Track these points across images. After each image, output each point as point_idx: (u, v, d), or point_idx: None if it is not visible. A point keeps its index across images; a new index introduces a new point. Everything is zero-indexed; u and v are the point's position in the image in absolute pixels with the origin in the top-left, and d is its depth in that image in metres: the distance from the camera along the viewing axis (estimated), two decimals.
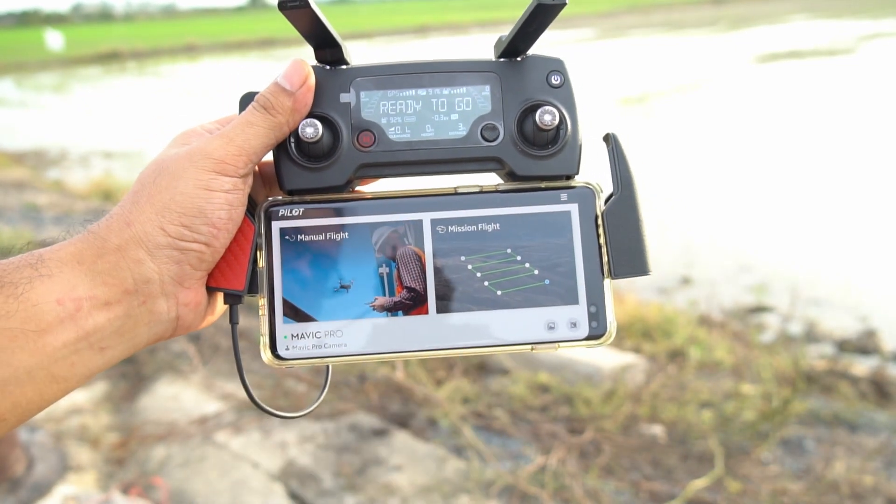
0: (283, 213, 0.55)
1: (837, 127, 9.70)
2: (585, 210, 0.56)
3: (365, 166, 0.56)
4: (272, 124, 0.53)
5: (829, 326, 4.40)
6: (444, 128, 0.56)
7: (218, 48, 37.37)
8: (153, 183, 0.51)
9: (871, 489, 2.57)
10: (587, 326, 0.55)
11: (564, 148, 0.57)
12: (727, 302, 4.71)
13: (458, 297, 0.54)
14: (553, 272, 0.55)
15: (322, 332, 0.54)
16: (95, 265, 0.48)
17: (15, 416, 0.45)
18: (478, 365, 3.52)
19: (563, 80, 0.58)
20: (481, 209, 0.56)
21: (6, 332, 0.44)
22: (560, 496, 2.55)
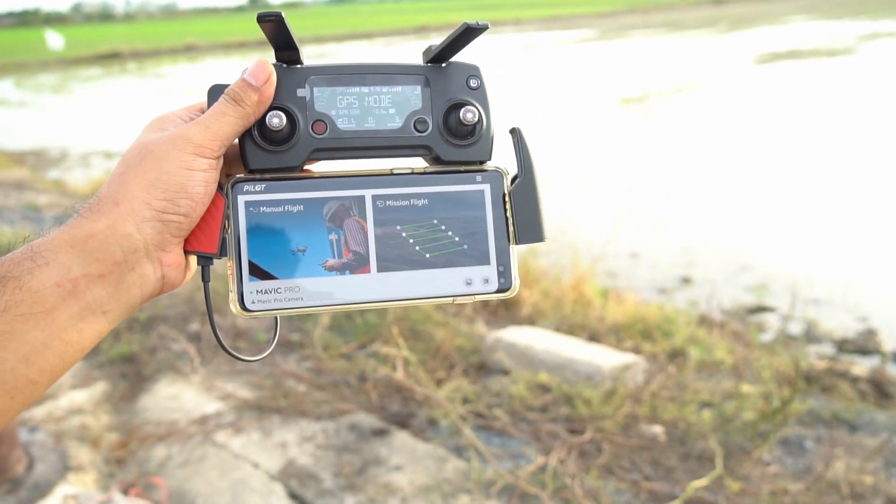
0: (248, 188, 0.64)
1: (837, 127, 9.70)
2: (495, 189, 0.68)
3: (318, 150, 0.66)
4: (241, 114, 0.62)
5: (829, 326, 4.40)
6: (384, 120, 0.67)
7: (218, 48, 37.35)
8: (139, 164, 0.59)
9: (871, 489, 2.57)
10: (496, 282, 0.68)
11: (480, 139, 0.68)
12: (727, 302, 4.71)
13: (395, 259, 0.66)
14: (470, 239, 0.67)
15: (282, 288, 0.64)
16: (86, 245, 0.56)
17: (45, 378, 0.54)
18: (478, 365, 3.52)
19: (480, 83, 0.69)
20: (413, 187, 0.67)
21: (18, 317, 0.52)
22: (560, 496, 2.55)
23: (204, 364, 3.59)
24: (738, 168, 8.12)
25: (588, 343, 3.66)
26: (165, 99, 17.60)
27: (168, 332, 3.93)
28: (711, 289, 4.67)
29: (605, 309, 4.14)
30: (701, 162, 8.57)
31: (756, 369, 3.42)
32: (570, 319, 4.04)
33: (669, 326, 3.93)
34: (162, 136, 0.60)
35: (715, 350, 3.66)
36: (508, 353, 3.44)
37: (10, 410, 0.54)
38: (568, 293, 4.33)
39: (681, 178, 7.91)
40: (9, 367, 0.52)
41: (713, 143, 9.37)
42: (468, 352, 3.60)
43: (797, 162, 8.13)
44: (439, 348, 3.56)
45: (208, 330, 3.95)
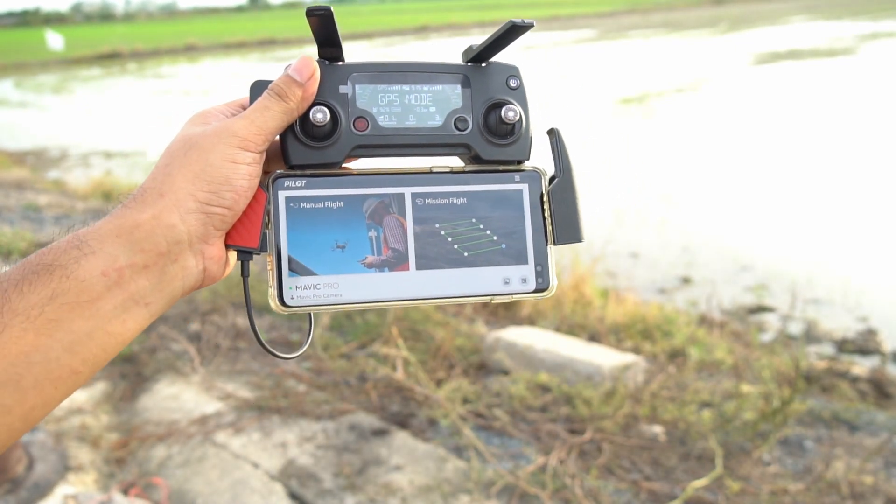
0: (289, 183, 0.65)
1: (837, 127, 9.70)
2: (534, 189, 0.69)
3: (359, 147, 0.66)
4: (285, 109, 0.62)
5: (829, 326, 4.40)
6: (424, 118, 0.67)
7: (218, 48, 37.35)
8: (184, 156, 0.60)
9: (871, 489, 2.57)
10: (534, 282, 0.68)
11: (520, 139, 0.68)
12: (727, 302, 4.71)
13: (433, 257, 0.66)
14: (508, 238, 0.67)
15: (322, 284, 0.64)
16: (132, 235, 0.56)
17: (87, 369, 0.55)
18: (478, 365, 3.52)
19: (519, 83, 0.69)
20: (452, 186, 0.67)
21: (64, 306, 0.53)
22: (560, 496, 2.55)
23: (204, 364, 3.59)
24: (738, 168, 8.12)
25: (588, 343, 3.66)
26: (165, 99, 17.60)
27: (168, 332, 3.93)
28: (711, 289, 4.67)
29: (605, 309, 4.14)
30: (701, 162, 8.57)
31: (756, 369, 3.42)
32: (570, 319, 4.04)
33: (669, 326, 3.93)
34: (206, 129, 0.61)
35: (715, 350, 3.66)
36: (508, 353, 3.44)
37: (53, 400, 0.54)
38: (568, 293, 4.33)
39: (681, 178, 7.91)
40: (54, 356, 0.52)
41: (713, 144, 9.37)
42: (468, 352, 3.60)
43: (797, 162, 8.13)
44: (439, 348, 3.56)
45: (208, 330, 3.96)
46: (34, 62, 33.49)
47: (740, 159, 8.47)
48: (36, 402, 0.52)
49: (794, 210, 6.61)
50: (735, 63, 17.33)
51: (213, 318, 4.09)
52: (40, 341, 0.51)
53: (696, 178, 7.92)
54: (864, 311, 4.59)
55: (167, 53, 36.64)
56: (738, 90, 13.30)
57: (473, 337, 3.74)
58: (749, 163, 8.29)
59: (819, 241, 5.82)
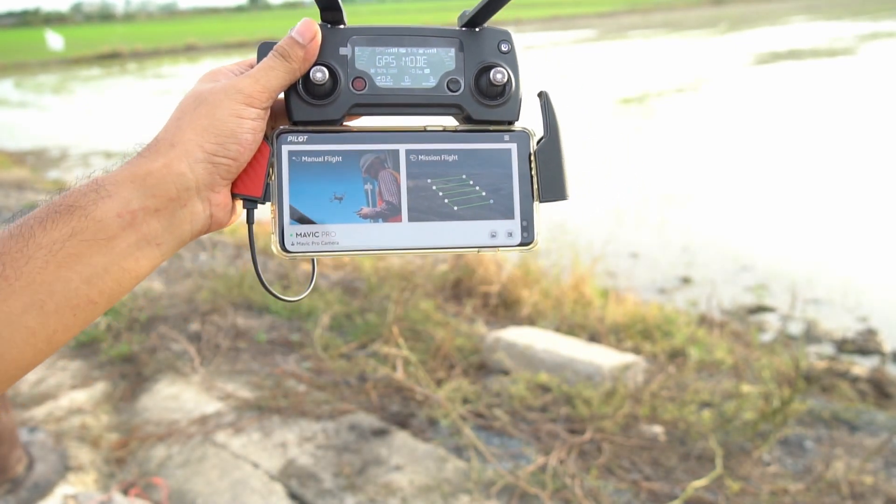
0: (291, 139, 0.69)
1: (837, 127, 9.70)
2: (522, 148, 0.72)
3: (357, 106, 0.70)
4: (288, 69, 0.66)
5: (829, 326, 4.40)
6: (419, 79, 0.71)
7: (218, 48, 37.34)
8: (194, 110, 0.64)
9: (871, 489, 2.57)
10: (520, 236, 0.71)
11: (509, 100, 0.71)
12: (727, 302, 4.71)
13: (425, 210, 0.70)
14: (496, 194, 0.70)
15: (320, 232, 0.68)
16: (145, 182, 0.61)
17: (104, 300, 0.60)
18: (478, 365, 3.52)
19: (510, 47, 0.72)
20: (444, 143, 0.71)
21: (84, 242, 0.58)
22: (560, 496, 2.55)
23: (204, 364, 3.59)
24: (738, 168, 8.12)
25: (588, 343, 3.66)
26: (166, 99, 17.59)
27: (168, 332, 3.93)
28: (711, 289, 4.67)
29: (605, 309, 4.14)
30: (701, 162, 8.56)
31: (756, 369, 3.42)
32: (570, 319, 4.04)
33: (669, 326, 3.92)
34: (215, 86, 0.66)
35: (715, 350, 3.66)
36: (508, 353, 3.44)
37: (73, 327, 0.59)
38: (568, 293, 4.33)
39: (681, 178, 7.91)
40: (73, 286, 0.58)
41: (713, 144, 9.37)
42: (468, 352, 3.60)
43: (797, 162, 8.13)
44: (439, 348, 3.56)
45: (208, 330, 3.95)
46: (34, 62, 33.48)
47: (740, 159, 8.47)
48: (58, 326, 0.58)
49: (794, 210, 6.61)
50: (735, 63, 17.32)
51: (213, 318, 4.09)
52: (61, 272, 0.57)
53: (696, 178, 7.92)
54: (864, 311, 4.59)
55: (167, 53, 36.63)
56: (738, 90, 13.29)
57: (473, 337, 3.74)
58: (749, 163, 8.29)
59: (819, 241, 5.82)
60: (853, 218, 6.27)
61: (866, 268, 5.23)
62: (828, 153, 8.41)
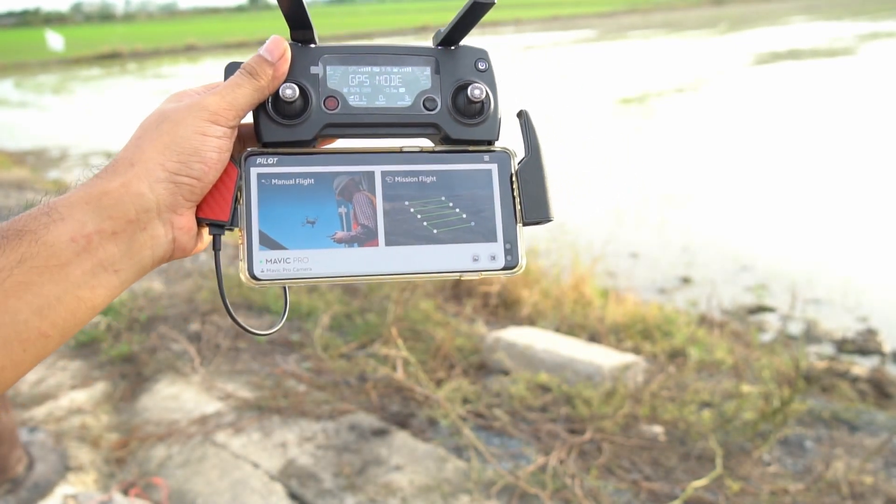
0: (261, 161, 0.66)
1: (837, 127, 9.70)
2: (503, 169, 0.69)
3: (330, 126, 0.67)
4: (256, 87, 0.64)
5: (829, 326, 4.40)
6: (394, 98, 0.68)
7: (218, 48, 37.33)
8: (156, 128, 0.61)
9: (871, 489, 2.57)
10: (503, 259, 0.68)
11: (488, 119, 0.69)
12: (727, 302, 4.71)
13: (403, 233, 0.66)
14: (477, 216, 0.68)
15: (291, 258, 0.65)
16: (101, 202, 0.57)
17: (56, 333, 0.55)
18: (478, 365, 3.52)
19: (488, 66, 0.70)
20: (421, 164, 0.68)
21: (34, 269, 0.54)
22: (560, 496, 2.55)
23: (204, 364, 3.59)
24: (738, 168, 8.12)
25: (588, 343, 3.66)
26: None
27: (168, 332, 3.93)
28: (711, 289, 4.67)
29: (605, 309, 4.14)
30: (701, 162, 8.56)
31: (756, 369, 3.42)
32: (570, 319, 4.04)
33: (669, 326, 3.92)
34: (179, 104, 0.63)
35: (715, 350, 3.66)
36: (508, 353, 3.44)
37: (23, 363, 0.54)
38: (568, 293, 4.33)
39: (681, 178, 7.91)
40: (22, 318, 0.53)
41: (713, 144, 9.37)
42: (468, 352, 3.60)
43: (797, 162, 8.13)
44: (439, 348, 3.56)
45: (208, 330, 3.95)
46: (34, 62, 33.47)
47: (740, 159, 8.47)
48: (5, 362, 0.53)
49: (794, 210, 6.61)
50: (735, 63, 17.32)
51: (213, 318, 4.09)
52: (9, 303, 0.52)
53: (696, 178, 7.92)
54: (864, 311, 4.59)
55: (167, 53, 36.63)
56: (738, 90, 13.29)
57: (473, 337, 3.74)
58: (749, 163, 8.29)
59: (819, 241, 5.82)
60: (853, 218, 6.27)
61: (866, 268, 5.23)
62: (828, 153, 8.41)
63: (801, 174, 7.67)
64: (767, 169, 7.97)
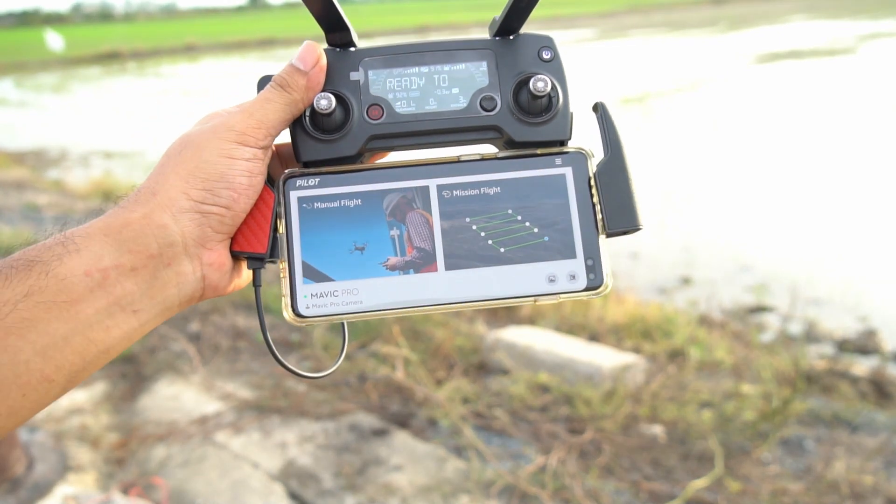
0: (301, 183, 0.59)
1: (837, 127, 9.70)
2: (579, 172, 0.60)
3: (375, 137, 0.60)
4: (288, 101, 0.57)
5: (829, 326, 4.40)
6: (447, 100, 0.60)
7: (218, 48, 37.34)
8: (178, 154, 0.56)
9: (871, 489, 2.57)
10: (585, 278, 0.59)
11: (557, 115, 0.61)
12: (727, 302, 4.70)
13: (465, 255, 0.58)
14: (552, 229, 0.59)
15: (339, 291, 0.58)
16: (120, 234, 0.52)
17: (62, 377, 0.49)
18: (478, 365, 3.52)
19: (553, 54, 0.62)
20: (483, 174, 0.60)
21: (41, 305, 0.48)
22: (560, 496, 2.55)
23: (204, 364, 3.59)
24: (739, 168, 8.12)
25: (588, 343, 3.66)
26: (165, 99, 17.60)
27: (168, 332, 3.93)
28: (711, 289, 4.67)
29: (605, 309, 4.14)
30: (701, 162, 8.56)
31: (756, 369, 3.42)
32: (570, 319, 4.04)
33: (669, 326, 3.92)
34: (205, 126, 0.57)
35: (715, 350, 3.66)
36: (508, 353, 3.44)
37: (22, 410, 0.48)
38: None
39: (681, 178, 7.91)
40: (23, 358, 0.47)
41: (713, 144, 9.37)
42: (468, 352, 3.60)
43: (797, 162, 8.13)
44: (439, 348, 3.56)
45: (208, 329, 3.95)
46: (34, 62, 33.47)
47: (740, 159, 8.47)
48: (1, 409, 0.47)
49: (794, 210, 6.61)
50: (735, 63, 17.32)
51: (213, 318, 4.09)
52: (9, 341, 0.46)
53: (696, 178, 7.92)
54: (864, 311, 4.59)
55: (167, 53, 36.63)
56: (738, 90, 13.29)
57: (473, 337, 3.74)
58: (749, 163, 8.29)
59: (819, 242, 5.82)
60: (853, 218, 6.27)
61: (866, 268, 5.23)
62: (828, 153, 8.41)
63: (801, 174, 7.67)
64: (767, 169, 7.97)
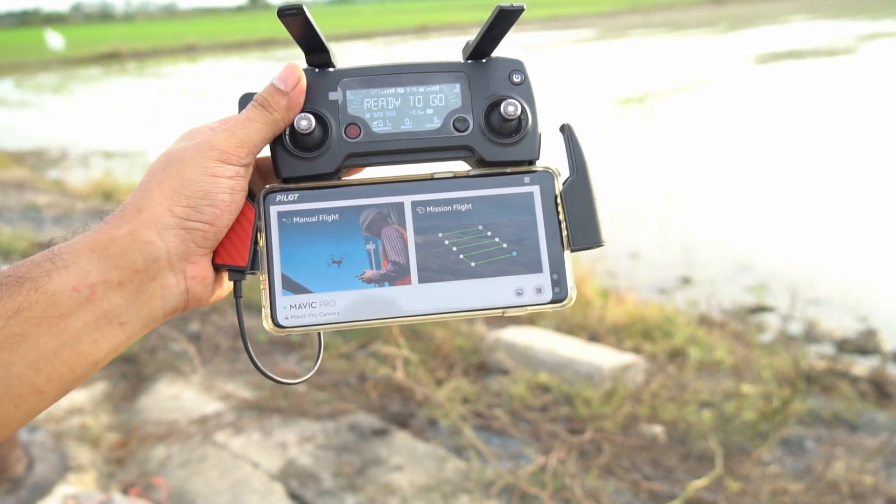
0: (280, 198, 0.62)
1: (837, 127, 9.70)
2: (546, 190, 0.63)
3: (352, 155, 0.62)
4: (269, 120, 0.60)
5: (829, 326, 4.40)
6: (421, 120, 0.63)
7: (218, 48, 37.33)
8: (163, 171, 0.58)
9: (871, 489, 2.57)
10: (551, 292, 0.63)
11: (526, 137, 0.63)
12: (727, 302, 4.71)
13: (438, 269, 0.61)
14: (519, 245, 0.62)
15: (317, 303, 0.60)
16: (107, 250, 0.54)
17: (52, 389, 0.52)
18: (478, 365, 3.52)
19: (524, 78, 0.64)
20: (455, 192, 0.63)
21: (31, 320, 0.50)
22: (560, 496, 2.55)
23: (204, 364, 3.59)
24: (738, 168, 8.12)
25: (588, 343, 3.66)
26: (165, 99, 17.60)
27: (168, 332, 3.93)
28: (711, 289, 4.67)
29: (605, 309, 4.14)
30: (701, 162, 8.57)
31: (756, 369, 3.42)
32: (570, 319, 4.04)
33: (669, 326, 3.92)
34: (188, 144, 0.59)
35: (715, 350, 3.66)
36: (508, 353, 3.44)
37: (14, 420, 0.50)
38: None
39: (681, 177, 7.91)
40: (15, 371, 0.50)
41: (713, 143, 9.37)
42: (468, 352, 3.60)
43: (797, 162, 8.13)
44: (439, 348, 3.56)
45: (208, 329, 3.96)
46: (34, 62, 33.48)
47: (740, 159, 8.47)
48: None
49: (794, 210, 6.61)
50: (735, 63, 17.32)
51: (213, 318, 4.09)
52: (2, 356, 0.49)
53: (696, 177, 7.92)
54: (864, 311, 4.59)
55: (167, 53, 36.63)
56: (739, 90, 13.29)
57: (473, 337, 3.74)
58: (749, 163, 8.29)
59: (819, 242, 5.82)
60: (853, 218, 6.27)
61: (866, 268, 5.23)
62: (828, 153, 8.41)
63: (801, 174, 7.67)
64: (767, 169, 7.97)
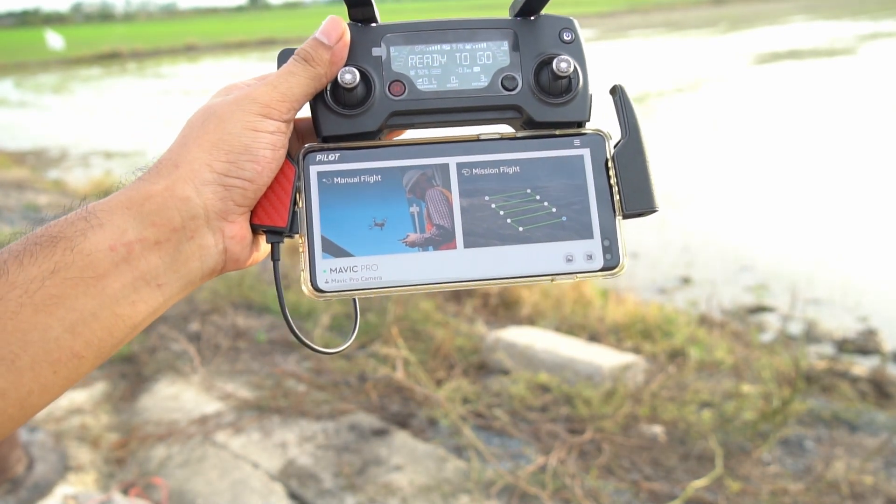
0: (321, 157, 0.60)
1: (837, 127, 9.70)
2: (597, 154, 0.62)
3: (396, 114, 0.60)
4: (312, 74, 0.58)
5: (829, 326, 4.39)
6: (468, 79, 0.61)
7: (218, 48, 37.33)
8: (201, 126, 0.55)
9: (871, 489, 2.57)
10: (602, 259, 0.60)
11: (576, 97, 0.61)
12: (727, 302, 4.70)
13: (484, 233, 0.59)
14: (569, 210, 0.60)
15: (359, 266, 0.58)
16: (143, 208, 0.52)
17: (91, 353, 0.50)
18: (478, 365, 3.52)
19: (574, 36, 0.62)
20: (502, 153, 0.60)
21: (68, 281, 0.48)
22: (560, 496, 2.55)
23: (204, 364, 3.59)
24: (738, 168, 8.12)
25: (588, 343, 3.66)
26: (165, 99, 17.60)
27: (168, 332, 3.93)
28: (711, 289, 4.67)
29: (605, 309, 4.14)
30: (701, 162, 8.56)
31: (756, 369, 3.42)
32: (570, 319, 4.04)
33: (669, 326, 3.92)
34: (227, 98, 0.57)
35: (715, 350, 3.66)
36: (508, 353, 3.44)
37: (53, 386, 0.48)
38: (568, 293, 4.33)
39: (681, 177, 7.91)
40: (53, 335, 0.47)
41: (713, 144, 9.37)
42: (468, 352, 3.60)
43: (797, 162, 8.13)
44: (439, 348, 3.56)
45: (208, 329, 3.95)
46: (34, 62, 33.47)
47: (740, 159, 8.47)
48: (33, 386, 0.47)
49: (795, 210, 6.61)
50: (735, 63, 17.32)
51: (213, 318, 4.09)
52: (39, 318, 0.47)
53: (696, 177, 7.92)
54: (864, 311, 4.59)
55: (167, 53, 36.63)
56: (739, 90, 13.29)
57: (473, 337, 3.74)
58: (749, 163, 8.29)
59: (819, 242, 5.82)
60: (853, 218, 6.27)
61: (866, 268, 5.23)
62: (827, 153, 8.41)
63: (800, 174, 7.67)
64: (767, 169, 7.97)
